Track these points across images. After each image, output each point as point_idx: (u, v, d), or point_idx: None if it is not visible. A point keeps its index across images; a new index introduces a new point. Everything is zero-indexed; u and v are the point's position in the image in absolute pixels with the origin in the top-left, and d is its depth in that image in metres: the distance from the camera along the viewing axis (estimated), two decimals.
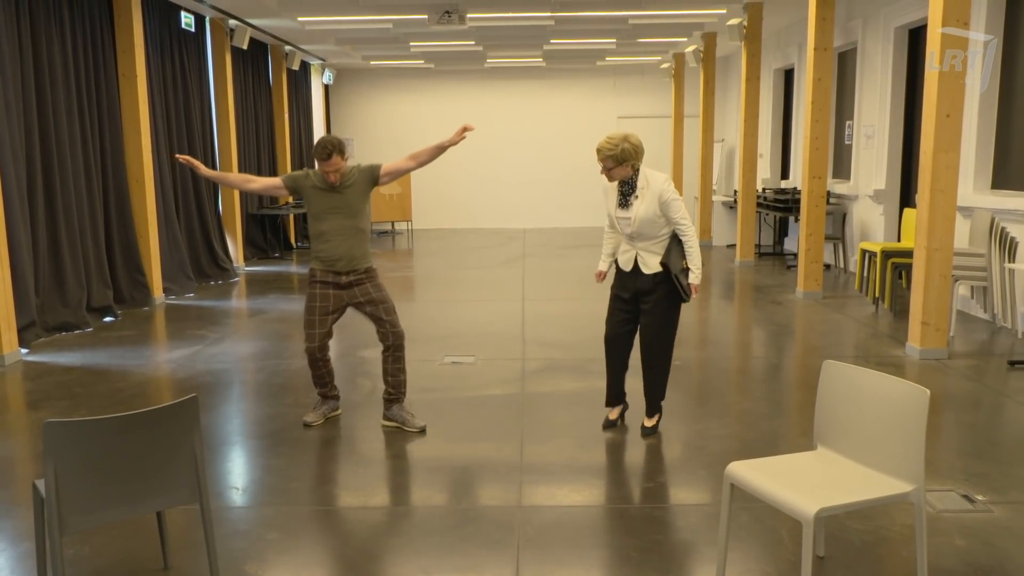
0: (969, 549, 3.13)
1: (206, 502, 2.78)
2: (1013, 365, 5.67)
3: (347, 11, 9.88)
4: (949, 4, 5.51)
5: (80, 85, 7.48)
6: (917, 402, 2.62)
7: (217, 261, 10.22)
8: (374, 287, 4.52)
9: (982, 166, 7.23)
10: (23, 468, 4.11)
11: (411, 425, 4.52)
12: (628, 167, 4.20)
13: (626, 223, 4.26)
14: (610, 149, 4.15)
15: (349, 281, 4.48)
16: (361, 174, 4.49)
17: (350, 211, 4.46)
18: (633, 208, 4.21)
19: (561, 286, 9.43)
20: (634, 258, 4.31)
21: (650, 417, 4.49)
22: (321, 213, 4.46)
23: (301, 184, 4.49)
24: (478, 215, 16.45)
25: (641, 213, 4.19)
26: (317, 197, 4.46)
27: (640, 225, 4.21)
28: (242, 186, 4.76)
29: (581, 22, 10.82)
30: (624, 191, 4.26)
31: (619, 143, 4.15)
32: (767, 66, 12.72)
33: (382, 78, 16.31)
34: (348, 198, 4.45)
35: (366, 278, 4.51)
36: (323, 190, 4.44)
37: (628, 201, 4.24)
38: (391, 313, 4.52)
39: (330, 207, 4.44)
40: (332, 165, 4.32)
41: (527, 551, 3.17)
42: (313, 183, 4.46)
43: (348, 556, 3.18)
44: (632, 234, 4.27)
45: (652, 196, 4.19)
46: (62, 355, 6.32)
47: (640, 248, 4.28)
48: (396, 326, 4.52)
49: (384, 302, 4.51)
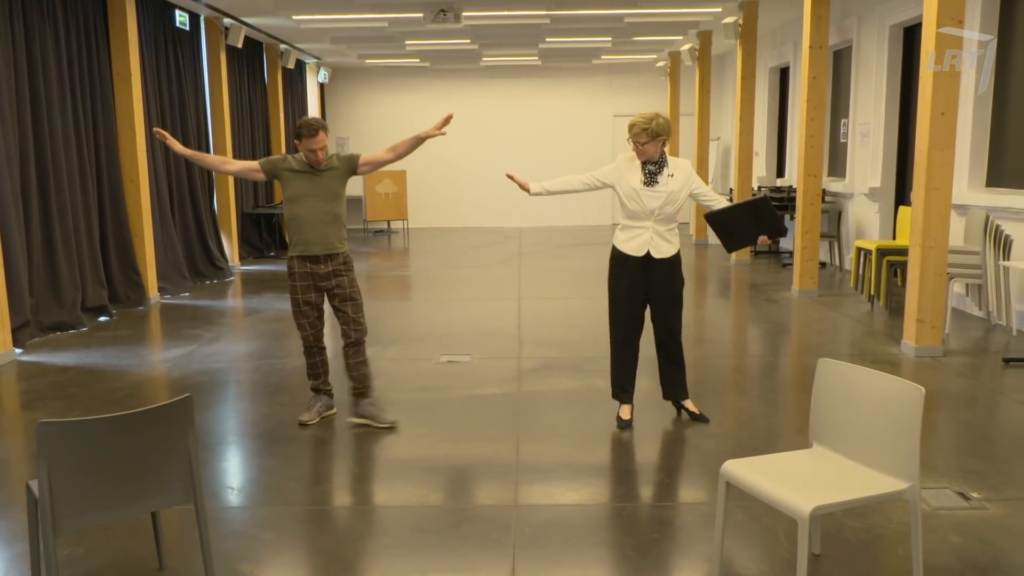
0: (964, 546, 3.13)
1: (201, 502, 2.77)
2: (1008, 363, 5.68)
3: (342, 9, 9.87)
4: (944, 3, 5.52)
5: (74, 84, 7.46)
6: (912, 400, 2.62)
7: (212, 260, 10.20)
8: (348, 282, 4.52)
9: (977, 164, 7.24)
10: (17, 469, 4.09)
11: (380, 420, 4.51)
12: (660, 143, 4.25)
13: (655, 199, 4.27)
14: (645, 123, 4.19)
15: (327, 271, 4.47)
16: (341, 161, 4.51)
17: (328, 195, 4.45)
18: (668, 184, 4.27)
19: (557, 285, 9.43)
20: (647, 243, 4.32)
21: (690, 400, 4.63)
22: (297, 196, 4.44)
23: (278, 167, 4.48)
24: (474, 214, 16.44)
25: (676, 187, 4.27)
26: (295, 180, 4.44)
27: (669, 202, 4.27)
28: (219, 167, 4.73)
29: (577, 20, 10.82)
30: (652, 169, 4.29)
31: (653, 118, 4.20)
32: (762, 64, 12.72)
33: (377, 77, 16.29)
34: (326, 181, 4.45)
35: (343, 269, 4.51)
36: (301, 172, 4.44)
37: (657, 179, 4.28)
38: (358, 311, 4.54)
39: (307, 190, 4.43)
40: (319, 142, 4.32)
41: (523, 550, 3.16)
42: (291, 166, 4.46)
43: (344, 556, 3.17)
44: (656, 211, 4.28)
45: (686, 174, 4.31)
46: (57, 355, 6.30)
47: (657, 232, 4.31)
48: (360, 323, 4.55)
49: (354, 300, 4.53)
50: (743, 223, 4.31)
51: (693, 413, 4.59)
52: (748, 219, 4.30)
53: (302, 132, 4.33)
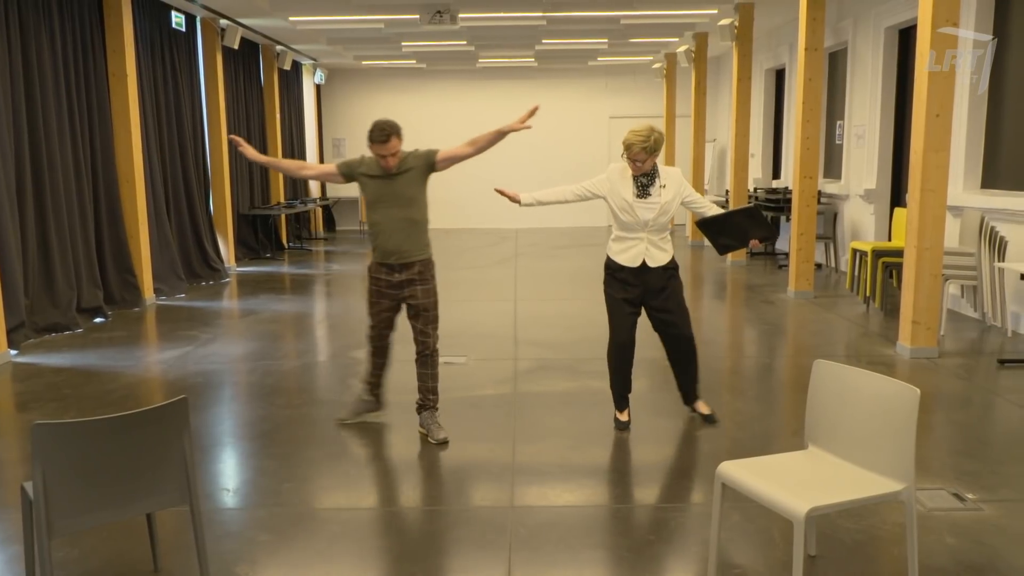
0: (960, 547, 3.14)
1: (196, 504, 2.76)
2: (1003, 364, 5.70)
3: (338, 11, 9.87)
4: (939, 4, 5.53)
5: (70, 85, 7.44)
6: (907, 401, 2.63)
7: (208, 261, 10.18)
8: (423, 292, 4.31)
9: (972, 166, 7.26)
10: (12, 470, 4.08)
11: (432, 436, 4.38)
12: (655, 157, 4.25)
13: (648, 210, 4.27)
14: (643, 141, 4.16)
15: (401, 280, 4.29)
16: (417, 160, 4.24)
17: (402, 200, 4.22)
18: (661, 196, 4.27)
19: (553, 286, 9.43)
20: (642, 253, 4.32)
21: (702, 402, 4.63)
22: (373, 202, 4.25)
23: (355, 171, 4.28)
24: (470, 215, 16.43)
25: (669, 197, 4.27)
26: (370, 185, 4.24)
27: (662, 213, 4.27)
28: (296, 172, 4.60)
29: (573, 22, 10.83)
30: (644, 182, 4.28)
31: (649, 134, 4.17)
32: (758, 66, 12.75)
33: (374, 78, 16.28)
34: (400, 186, 4.21)
35: (419, 279, 4.30)
36: (374, 177, 4.23)
37: (649, 191, 4.27)
38: (428, 323, 4.35)
39: (382, 196, 4.22)
40: (390, 148, 4.08)
41: (519, 552, 3.16)
42: (366, 170, 4.25)
43: (339, 558, 3.16)
44: (650, 223, 4.29)
45: (677, 183, 4.31)
46: (52, 356, 6.29)
47: (651, 242, 4.32)
48: (429, 336, 4.37)
49: (428, 311, 4.34)
50: (734, 229, 4.36)
51: (705, 415, 4.60)
52: (739, 225, 4.35)
53: (372, 137, 4.09)
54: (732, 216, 4.38)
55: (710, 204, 4.45)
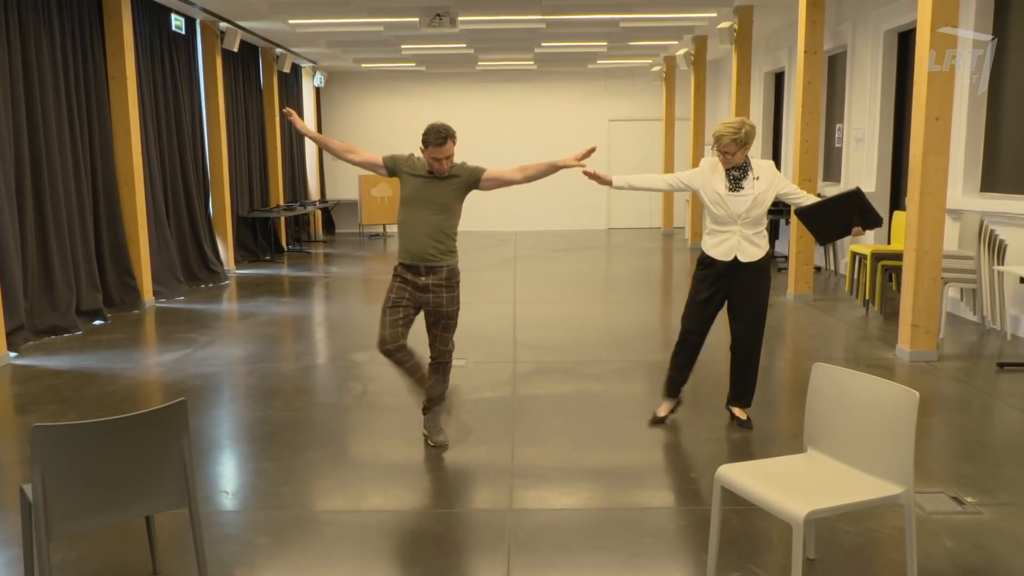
0: (959, 551, 3.14)
1: (195, 506, 2.76)
2: (1002, 367, 5.70)
3: (338, 14, 9.88)
4: (938, 7, 5.54)
5: (70, 87, 7.44)
6: (907, 404, 2.63)
7: (207, 264, 10.18)
8: (447, 300, 4.26)
9: (971, 169, 7.26)
10: (11, 473, 4.08)
11: (432, 439, 4.37)
12: (747, 149, 4.26)
13: (741, 203, 4.28)
14: (734, 133, 4.18)
15: (425, 284, 4.22)
16: (464, 171, 4.20)
17: (437, 205, 4.16)
18: (754, 187, 4.27)
19: (552, 289, 9.43)
20: (735, 248, 4.32)
21: (745, 408, 4.62)
22: (408, 200, 4.20)
23: (400, 166, 4.24)
24: (469, 217, 16.29)
25: (762, 188, 4.27)
26: (410, 183, 4.19)
27: (756, 204, 4.27)
28: (342, 155, 4.52)
29: (572, 25, 10.84)
30: (736, 175, 4.30)
31: (739, 127, 4.19)
32: (757, 69, 12.76)
33: (373, 81, 16.29)
34: (440, 191, 4.16)
35: (444, 286, 4.24)
36: (417, 177, 4.18)
37: (741, 184, 4.28)
38: (448, 331, 4.32)
39: (418, 197, 4.16)
40: (445, 151, 4.02)
41: (518, 554, 3.16)
42: (411, 168, 4.21)
43: (338, 561, 3.16)
44: (744, 215, 4.29)
45: (771, 175, 4.31)
46: (51, 359, 6.28)
47: (744, 236, 4.31)
48: (447, 344, 4.34)
49: (451, 319, 4.30)
50: (835, 216, 4.27)
51: (740, 420, 4.60)
52: (840, 212, 4.26)
53: (428, 139, 4.03)
54: (831, 202, 4.29)
55: (807, 194, 4.40)
